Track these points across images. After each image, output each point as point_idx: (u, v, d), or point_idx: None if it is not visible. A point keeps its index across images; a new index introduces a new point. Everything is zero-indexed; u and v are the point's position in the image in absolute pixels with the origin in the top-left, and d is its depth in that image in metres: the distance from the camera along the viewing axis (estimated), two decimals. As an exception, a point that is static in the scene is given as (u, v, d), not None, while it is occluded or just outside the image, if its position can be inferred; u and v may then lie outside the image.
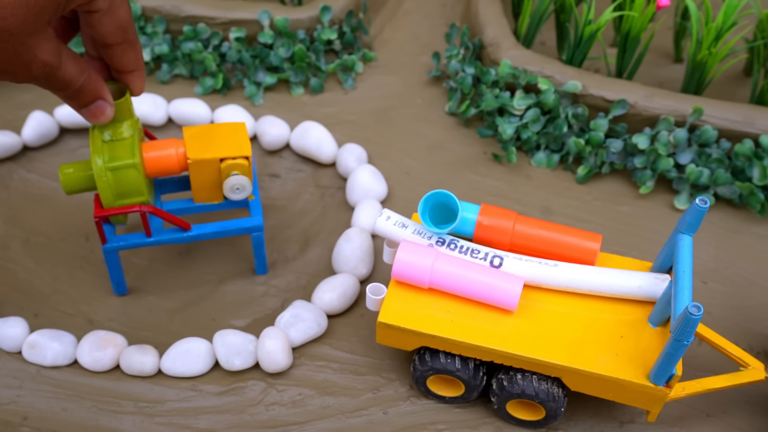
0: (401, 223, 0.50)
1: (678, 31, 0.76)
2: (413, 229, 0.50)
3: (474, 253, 0.49)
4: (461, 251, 0.49)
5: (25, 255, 0.61)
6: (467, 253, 0.49)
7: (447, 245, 0.49)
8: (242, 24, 0.74)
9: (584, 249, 0.50)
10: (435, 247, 0.49)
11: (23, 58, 0.41)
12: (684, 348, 0.42)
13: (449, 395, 0.52)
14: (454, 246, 0.49)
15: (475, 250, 0.49)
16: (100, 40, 0.47)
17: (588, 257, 0.50)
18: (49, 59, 0.43)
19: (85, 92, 0.47)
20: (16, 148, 0.68)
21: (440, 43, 0.80)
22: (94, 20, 0.46)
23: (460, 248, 0.49)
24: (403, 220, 0.50)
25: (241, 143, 0.53)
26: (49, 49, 0.43)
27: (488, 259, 0.49)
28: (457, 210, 0.49)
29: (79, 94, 0.47)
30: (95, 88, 0.47)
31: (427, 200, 0.50)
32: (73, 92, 0.46)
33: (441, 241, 0.49)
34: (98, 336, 0.54)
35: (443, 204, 0.50)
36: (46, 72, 0.43)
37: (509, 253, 0.49)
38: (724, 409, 0.52)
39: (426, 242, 0.49)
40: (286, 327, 0.54)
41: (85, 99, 0.47)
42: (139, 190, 0.52)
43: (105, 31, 0.46)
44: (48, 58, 0.43)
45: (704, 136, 0.63)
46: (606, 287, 0.49)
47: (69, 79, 0.45)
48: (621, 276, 0.49)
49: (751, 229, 0.63)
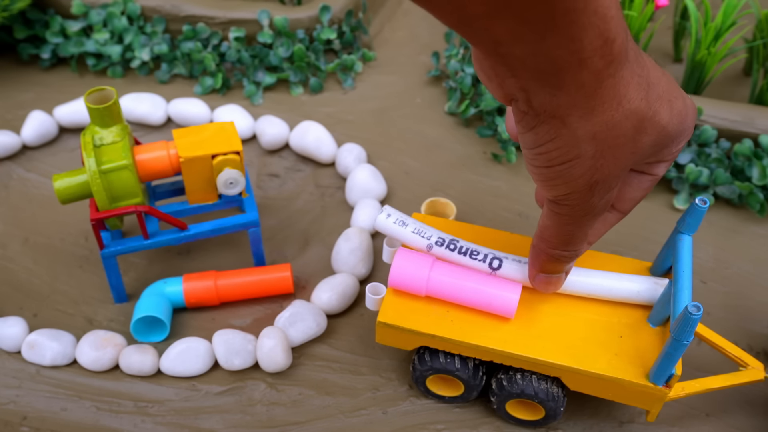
0: (401, 221, 0.50)
1: (677, 30, 0.76)
2: (413, 228, 0.50)
3: (474, 255, 0.49)
4: (461, 252, 0.49)
5: (24, 255, 0.61)
6: (467, 254, 0.49)
7: (446, 246, 0.49)
8: (242, 24, 0.74)
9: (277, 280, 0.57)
10: (433, 252, 0.49)
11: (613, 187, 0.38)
12: (683, 348, 0.42)
13: (449, 395, 0.52)
14: (454, 246, 0.49)
15: (474, 251, 0.49)
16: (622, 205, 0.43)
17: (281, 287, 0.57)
18: None
19: None
20: (16, 148, 0.68)
21: (440, 42, 0.80)
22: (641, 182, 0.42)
23: (460, 249, 0.49)
24: (404, 218, 0.50)
25: (231, 139, 0.54)
26: None
27: (487, 260, 0.49)
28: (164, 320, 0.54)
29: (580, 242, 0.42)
30: None
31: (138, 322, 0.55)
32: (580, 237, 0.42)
33: (441, 241, 0.49)
34: (98, 336, 0.54)
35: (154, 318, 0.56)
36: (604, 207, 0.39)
37: (509, 255, 0.49)
38: (723, 408, 0.52)
39: (425, 242, 0.49)
40: (286, 327, 0.54)
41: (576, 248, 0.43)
42: (133, 192, 0.52)
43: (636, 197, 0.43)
44: None
45: (704, 135, 0.63)
46: (605, 291, 0.49)
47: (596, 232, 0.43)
48: (620, 280, 0.49)
49: (750, 228, 0.63)
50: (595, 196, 0.37)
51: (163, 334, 0.55)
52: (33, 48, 0.76)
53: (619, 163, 0.36)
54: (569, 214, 0.39)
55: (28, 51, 0.76)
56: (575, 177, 0.36)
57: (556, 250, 0.43)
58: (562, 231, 0.41)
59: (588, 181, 0.36)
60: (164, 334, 0.55)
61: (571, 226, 0.40)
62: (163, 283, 0.56)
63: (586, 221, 0.39)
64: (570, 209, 0.38)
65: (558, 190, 0.37)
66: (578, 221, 0.39)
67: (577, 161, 0.35)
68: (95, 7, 0.75)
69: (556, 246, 0.42)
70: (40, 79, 0.76)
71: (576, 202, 0.38)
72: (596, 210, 0.39)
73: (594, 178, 0.36)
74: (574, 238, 0.41)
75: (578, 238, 0.41)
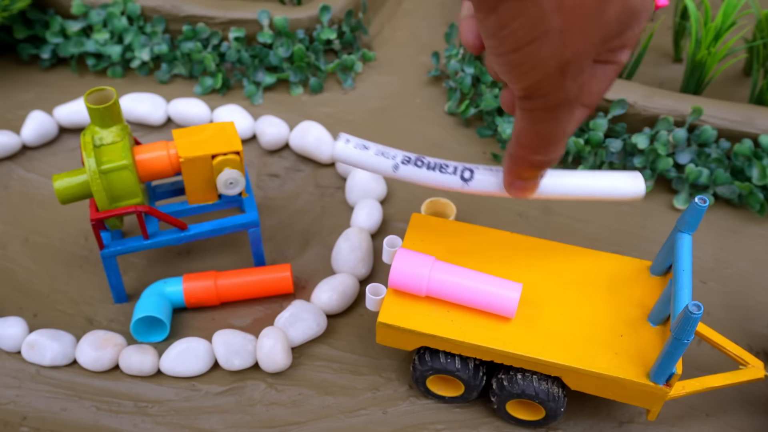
0: (362, 146, 0.47)
1: (677, 30, 0.76)
2: (375, 150, 0.47)
3: (443, 168, 0.46)
4: (429, 168, 0.47)
5: (24, 255, 0.61)
6: (436, 169, 0.47)
7: (413, 163, 0.47)
8: (241, 24, 0.74)
9: (277, 280, 0.57)
10: (399, 173, 0.47)
11: None
12: (684, 347, 0.42)
13: (449, 395, 0.52)
14: (421, 163, 0.47)
15: (444, 165, 0.47)
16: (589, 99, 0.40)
17: (281, 287, 0.57)
18: None
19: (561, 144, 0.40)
20: (16, 148, 0.68)
21: (440, 42, 0.80)
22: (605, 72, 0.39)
23: (428, 165, 0.47)
24: (364, 142, 0.47)
25: (231, 139, 0.54)
26: None
27: (458, 172, 0.46)
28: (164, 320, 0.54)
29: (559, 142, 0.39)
30: None
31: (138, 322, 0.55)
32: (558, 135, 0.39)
33: (407, 159, 0.47)
34: (97, 336, 0.54)
35: (154, 318, 0.55)
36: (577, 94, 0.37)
37: (479, 166, 0.47)
38: (723, 408, 0.52)
39: (390, 162, 0.47)
40: (286, 327, 0.54)
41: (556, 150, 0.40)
42: (133, 192, 0.52)
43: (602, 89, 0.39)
44: None
45: (703, 135, 0.63)
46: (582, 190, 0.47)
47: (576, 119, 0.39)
48: (595, 177, 0.47)
49: (750, 228, 0.63)
50: (568, 78, 0.35)
51: (163, 334, 0.55)
52: (33, 48, 0.76)
53: (587, 38, 0.34)
54: (543, 108, 0.37)
55: (28, 51, 0.76)
56: (544, 58, 0.34)
57: (536, 156, 0.40)
58: (539, 130, 0.38)
59: (558, 61, 0.34)
60: (164, 334, 0.55)
61: (547, 122, 0.37)
62: (163, 283, 0.56)
63: (562, 113, 0.37)
64: (544, 101, 0.36)
65: (528, 78, 0.35)
66: (554, 114, 0.37)
67: (545, 38, 0.33)
68: (95, 7, 0.75)
69: (535, 150, 0.40)
70: (40, 79, 0.76)
71: (549, 89, 0.35)
72: (570, 97, 0.36)
73: (564, 57, 0.34)
74: (552, 137, 0.39)
75: (557, 137, 0.39)
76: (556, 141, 0.39)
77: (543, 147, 0.39)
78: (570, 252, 0.52)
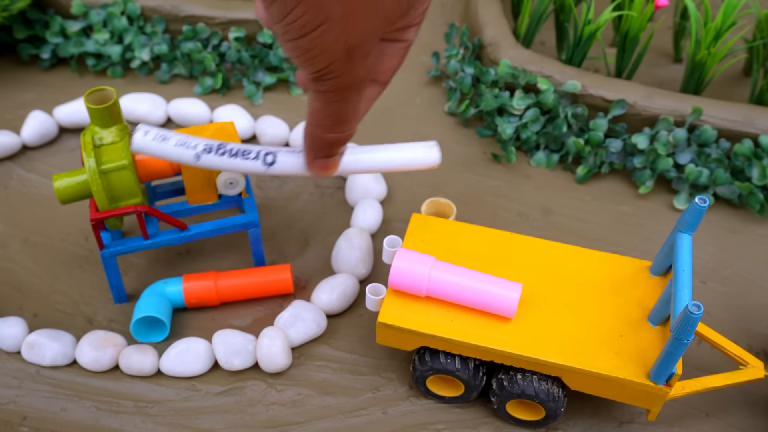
0: (161, 137, 0.47)
1: (677, 30, 0.76)
2: (176, 141, 0.47)
3: (246, 154, 0.47)
4: (232, 155, 0.47)
5: (24, 255, 0.61)
6: (239, 156, 0.47)
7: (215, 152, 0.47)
8: (241, 24, 0.74)
9: (277, 281, 0.57)
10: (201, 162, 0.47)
11: None
12: (684, 347, 0.42)
13: (449, 395, 0.52)
14: (223, 151, 0.47)
15: (246, 151, 0.47)
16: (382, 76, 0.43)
17: (281, 288, 0.58)
18: None
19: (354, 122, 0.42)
20: (16, 148, 0.68)
21: (440, 42, 0.80)
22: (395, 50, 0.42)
23: (231, 152, 0.47)
24: (164, 132, 0.47)
25: (232, 139, 0.54)
26: None
27: (260, 157, 0.47)
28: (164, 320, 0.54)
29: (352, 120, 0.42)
30: None
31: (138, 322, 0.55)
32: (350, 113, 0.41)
33: (208, 148, 0.47)
34: (97, 336, 0.54)
35: (154, 318, 0.55)
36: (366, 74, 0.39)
37: (282, 148, 0.47)
38: (723, 408, 0.52)
39: (192, 152, 0.47)
40: (286, 327, 0.54)
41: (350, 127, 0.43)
42: (133, 192, 0.52)
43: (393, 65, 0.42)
44: None
45: (703, 136, 0.63)
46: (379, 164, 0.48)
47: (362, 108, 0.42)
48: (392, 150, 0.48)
49: (750, 228, 0.63)
50: (355, 62, 0.37)
51: (163, 335, 0.55)
52: (33, 48, 0.76)
53: (369, 22, 0.36)
54: (335, 89, 0.39)
55: (28, 51, 0.76)
56: (330, 43, 0.36)
57: (332, 133, 0.42)
58: (332, 110, 0.40)
59: (344, 46, 0.36)
60: (164, 335, 0.55)
61: (339, 102, 0.40)
62: (163, 284, 0.56)
63: (353, 94, 0.39)
64: (334, 82, 0.38)
65: (318, 62, 0.37)
66: (345, 95, 0.39)
67: (328, 25, 0.35)
68: (95, 7, 0.74)
69: (330, 128, 0.42)
70: (40, 79, 0.76)
71: (338, 72, 0.37)
72: (359, 79, 0.38)
73: (349, 41, 0.36)
74: (345, 115, 0.41)
75: (350, 115, 0.41)
76: (349, 119, 0.41)
77: (337, 125, 0.42)
78: (570, 252, 0.52)
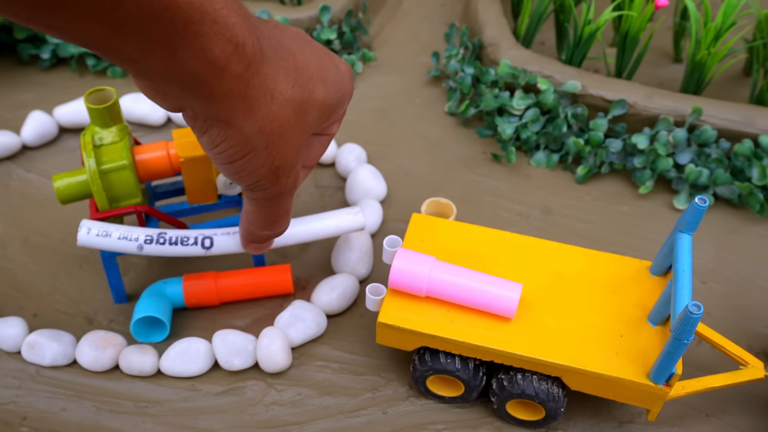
0: (104, 232, 0.51)
1: (677, 31, 0.76)
2: (118, 235, 0.51)
3: (184, 241, 0.51)
4: (171, 243, 0.51)
5: (24, 255, 0.61)
6: (178, 243, 0.51)
7: (156, 241, 0.51)
8: (241, 24, 0.73)
9: (277, 281, 0.58)
10: (145, 252, 0.51)
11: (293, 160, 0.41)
12: (684, 347, 0.42)
13: (449, 395, 0.52)
14: (163, 240, 0.51)
15: (184, 238, 0.51)
16: (309, 162, 0.46)
17: (281, 288, 0.58)
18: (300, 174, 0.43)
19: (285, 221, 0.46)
20: (16, 148, 0.68)
21: (440, 43, 0.80)
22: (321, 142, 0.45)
23: (170, 240, 0.51)
24: (106, 227, 0.51)
25: None
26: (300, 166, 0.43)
27: (199, 242, 0.51)
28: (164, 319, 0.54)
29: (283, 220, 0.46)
30: None
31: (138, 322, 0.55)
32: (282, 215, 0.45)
33: (149, 238, 0.50)
34: (97, 336, 0.54)
35: (153, 318, 0.56)
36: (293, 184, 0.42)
37: (218, 231, 0.51)
38: (723, 408, 0.52)
39: (134, 244, 0.50)
40: (286, 327, 0.54)
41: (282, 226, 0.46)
42: (133, 192, 0.52)
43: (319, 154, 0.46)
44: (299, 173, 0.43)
45: (703, 136, 0.63)
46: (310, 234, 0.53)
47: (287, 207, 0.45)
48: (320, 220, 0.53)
49: (750, 229, 0.63)
50: (281, 177, 0.40)
51: (163, 335, 0.55)
52: (33, 48, 0.76)
53: (292, 144, 0.39)
54: (265, 198, 0.42)
55: (28, 51, 0.76)
56: (257, 167, 0.39)
57: (264, 232, 0.46)
58: (263, 214, 0.44)
59: (270, 168, 0.39)
60: (164, 335, 0.55)
61: (270, 208, 0.43)
62: (163, 284, 0.56)
63: (282, 200, 0.43)
64: (263, 193, 0.41)
65: (247, 180, 0.40)
66: (274, 202, 0.43)
67: (253, 154, 0.38)
68: (95, 8, 0.74)
69: (264, 227, 0.46)
70: (40, 79, 0.76)
71: (266, 186, 0.40)
72: (286, 189, 0.42)
73: (275, 164, 0.39)
74: (276, 217, 0.45)
75: (280, 217, 0.45)
76: (279, 219, 0.45)
77: (269, 225, 0.46)
78: (570, 252, 0.52)
